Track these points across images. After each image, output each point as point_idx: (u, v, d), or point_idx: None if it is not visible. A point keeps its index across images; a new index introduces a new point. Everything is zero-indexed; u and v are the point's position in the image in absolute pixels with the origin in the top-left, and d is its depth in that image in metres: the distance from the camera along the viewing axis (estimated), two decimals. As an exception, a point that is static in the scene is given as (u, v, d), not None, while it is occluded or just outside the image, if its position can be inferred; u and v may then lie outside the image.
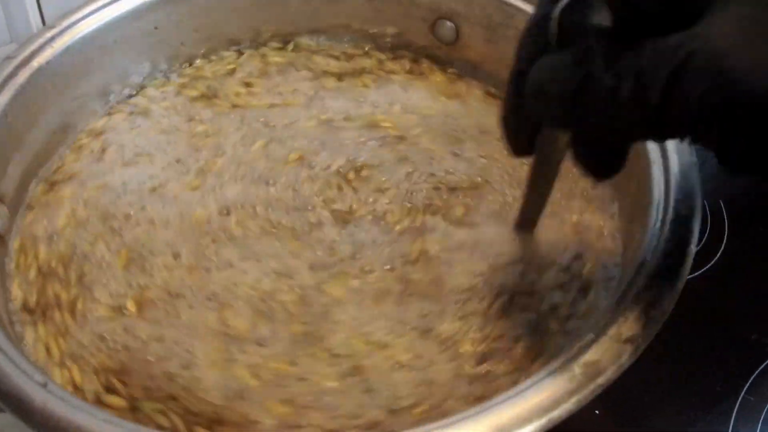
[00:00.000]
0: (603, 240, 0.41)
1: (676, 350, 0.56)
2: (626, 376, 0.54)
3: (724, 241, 0.64)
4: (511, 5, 0.47)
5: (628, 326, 0.29)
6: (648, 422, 0.53)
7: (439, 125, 0.47)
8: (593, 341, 0.29)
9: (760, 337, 0.57)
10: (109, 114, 0.48)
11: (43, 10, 0.53)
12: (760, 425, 0.52)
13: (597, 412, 0.52)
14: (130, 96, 0.49)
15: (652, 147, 0.38)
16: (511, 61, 0.28)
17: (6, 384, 0.26)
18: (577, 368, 0.28)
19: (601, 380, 0.27)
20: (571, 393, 0.27)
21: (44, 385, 0.26)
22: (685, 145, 0.38)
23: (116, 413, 0.32)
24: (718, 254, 0.63)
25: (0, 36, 0.53)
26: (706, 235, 0.65)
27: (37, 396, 0.26)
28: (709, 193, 0.67)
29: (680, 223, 0.34)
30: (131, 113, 0.48)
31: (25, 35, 0.52)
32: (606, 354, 0.28)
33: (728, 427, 0.52)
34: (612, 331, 0.29)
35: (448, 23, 0.50)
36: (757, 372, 0.55)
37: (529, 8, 0.46)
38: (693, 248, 0.33)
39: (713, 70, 0.22)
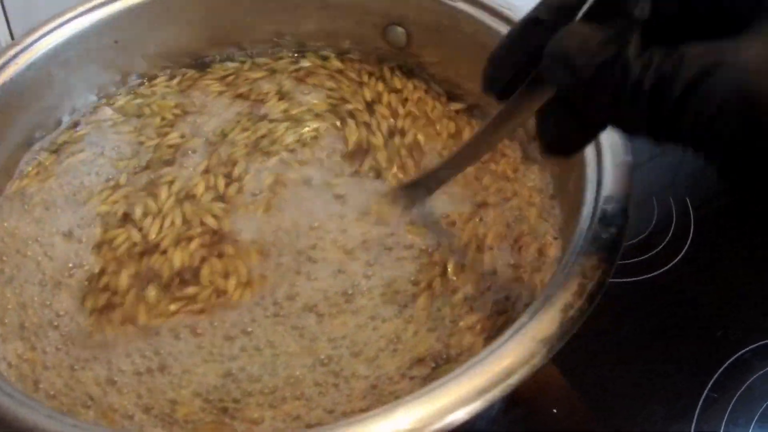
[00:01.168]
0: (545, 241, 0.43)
1: (640, 346, 0.58)
2: (590, 372, 0.55)
3: (690, 239, 0.66)
4: (459, 10, 0.48)
5: (543, 327, 0.30)
6: (611, 418, 0.54)
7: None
8: (509, 339, 0.30)
9: (725, 333, 0.58)
10: (70, 129, 0.50)
11: (12, 26, 0.56)
12: (723, 424, 0.53)
13: (555, 411, 0.54)
14: (93, 110, 0.51)
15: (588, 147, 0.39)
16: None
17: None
18: (488, 368, 0.29)
19: (512, 381, 0.29)
20: (481, 393, 0.28)
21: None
22: (620, 145, 0.39)
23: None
24: (684, 251, 0.65)
25: None
26: (671, 232, 0.67)
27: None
28: (677, 192, 0.70)
29: (606, 224, 0.35)
30: (89, 129, 0.50)
31: None
32: (520, 354, 0.30)
33: (691, 425, 0.53)
34: (529, 329, 0.30)
35: (399, 28, 0.52)
36: (721, 369, 0.56)
37: (476, 12, 0.47)
38: (617, 251, 0.34)
39: (735, 86, 0.22)
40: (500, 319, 0.40)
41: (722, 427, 0.53)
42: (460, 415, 0.28)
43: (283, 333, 0.39)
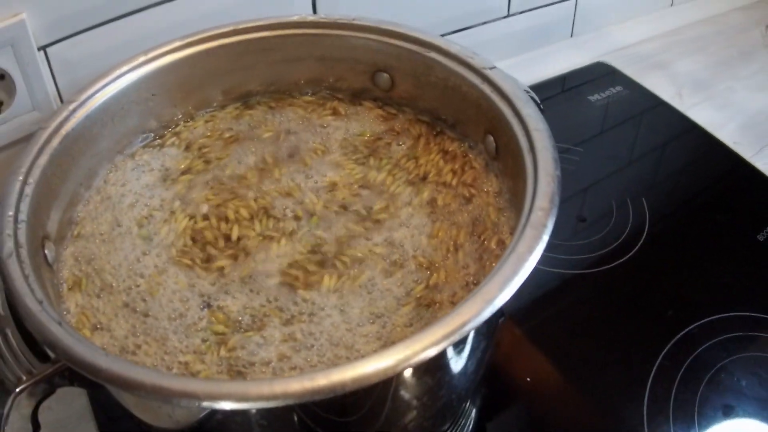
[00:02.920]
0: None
1: (604, 323, 0.64)
2: (562, 344, 0.62)
3: (645, 233, 0.71)
4: (432, 59, 0.57)
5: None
6: (580, 381, 0.59)
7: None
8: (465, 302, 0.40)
9: (675, 313, 0.64)
10: (118, 168, 0.58)
11: (58, 82, 0.63)
12: (675, 385, 0.58)
13: (529, 379, 0.60)
14: (140, 149, 0.59)
15: (529, 166, 0.48)
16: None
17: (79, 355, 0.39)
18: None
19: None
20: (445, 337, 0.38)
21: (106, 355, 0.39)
22: (551, 160, 0.47)
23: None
24: (639, 244, 0.70)
25: (23, 105, 0.61)
26: (629, 226, 0.72)
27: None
28: (633, 191, 0.76)
29: (534, 227, 0.43)
30: (136, 167, 0.58)
31: (44, 103, 0.62)
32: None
33: (646, 388, 0.58)
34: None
35: (385, 75, 0.60)
36: (672, 342, 0.61)
37: (445, 60, 0.56)
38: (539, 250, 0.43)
39: None
40: None
41: (674, 390, 0.58)
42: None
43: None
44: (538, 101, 0.52)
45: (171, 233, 0.54)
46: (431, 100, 0.60)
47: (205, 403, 0.37)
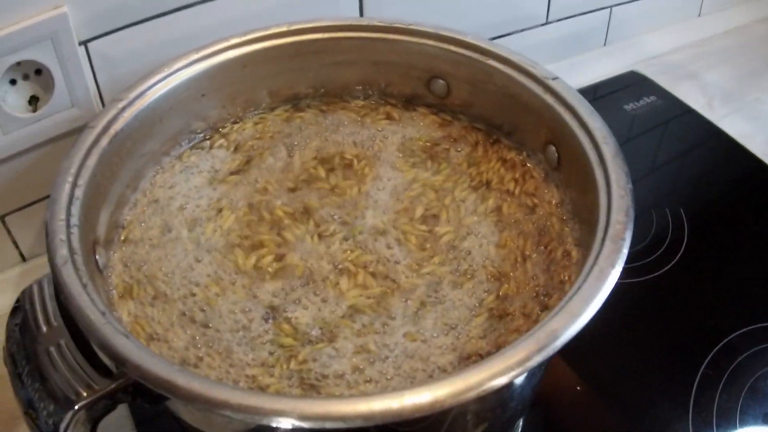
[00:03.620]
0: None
1: (647, 334, 0.63)
2: (602, 360, 0.62)
3: (684, 242, 0.71)
4: (491, 67, 0.56)
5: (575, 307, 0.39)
6: (621, 393, 0.59)
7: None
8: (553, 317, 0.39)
9: (716, 322, 0.64)
10: (165, 170, 0.56)
11: (98, 79, 0.61)
12: (718, 395, 0.58)
13: (579, 388, 0.59)
14: (188, 150, 0.57)
15: (600, 179, 0.47)
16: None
17: (153, 372, 0.37)
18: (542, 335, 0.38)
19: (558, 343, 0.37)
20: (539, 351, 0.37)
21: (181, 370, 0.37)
22: (623, 174, 0.46)
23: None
24: (680, 254, 0.70)
25: (62, 101, 0.59)
26: (668, 238, 0.71)
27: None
28: (672, 201, 0.75)
29: (616, 240, 0.42)
30: (184, 169, 0.56)
31: (83, 100, 0.60)
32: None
33: (690, 397, 0.58)
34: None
35: (440, 81, 0.59)
36: (714, 351, 0.61)
37: (506, 69, 0.55)
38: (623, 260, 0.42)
39: None
40: (542, 315, 0.47)
41: (717, 398, 0.58)
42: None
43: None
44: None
45: (224, 238, 0.52)
46: (487, 108, 0.59)
47: (297, 423, 0.35)
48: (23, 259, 0.66)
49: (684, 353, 0.62)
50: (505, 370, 0.36)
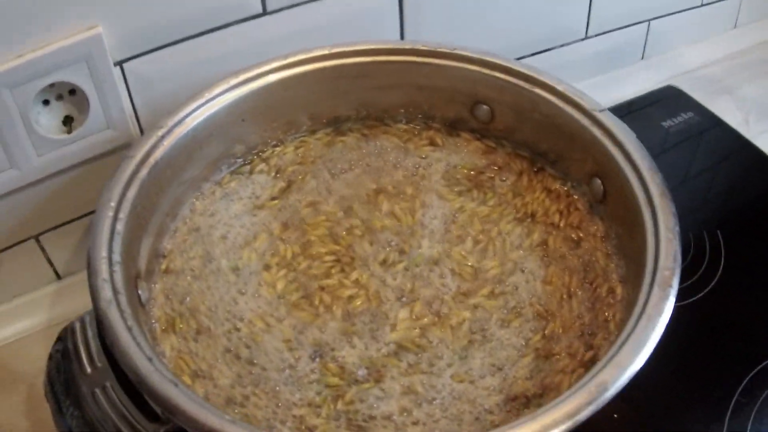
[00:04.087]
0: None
1: (681, 359, 0.61)
2: (638, 385, 0.61)
3: (722, 265, 0.69)
4: (536, 95, 0.55)
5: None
6: (657, 419, 0.57)
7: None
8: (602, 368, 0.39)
9: (751, 348, 0.62)
10: (205, 196, 0.55)
11: (134, 100, 0.60)
12: (750, 423, 0.57)
13: (615, 416, 0.56)
14: (228, 176, 0.57)
15: (647, 218, 0.46)
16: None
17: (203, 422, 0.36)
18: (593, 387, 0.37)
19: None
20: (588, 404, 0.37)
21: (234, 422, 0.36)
22: (670, 213, 0.46)
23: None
24: (717, 278, 0.67)
25: (97, 122, 0.58)
26: (706, 260, 0.69)
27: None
28: (707, 222, 0.73)
29: (664, 287, 0.43)
30: (224, 195, 0.56)
31: (119, 121, 0.59)
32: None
33: (723, 425, 0.56)
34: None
35: (484, 107, 0.58)
36: (748, 378, 0.59)
37: (552, 98, 0.54)
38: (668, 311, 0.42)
39: None
40: (587, 355, 0.47)
41: (749, 426, 0.57)
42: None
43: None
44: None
45: (268, 270, 0.51)
46: (531, 135, 0.58)
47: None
48: (58, 277, 0.66)
49: (718, 380, 0.60)
50: (554, 424, 0.36)
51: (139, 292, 0.48)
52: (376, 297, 0.50)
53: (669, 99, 0.86)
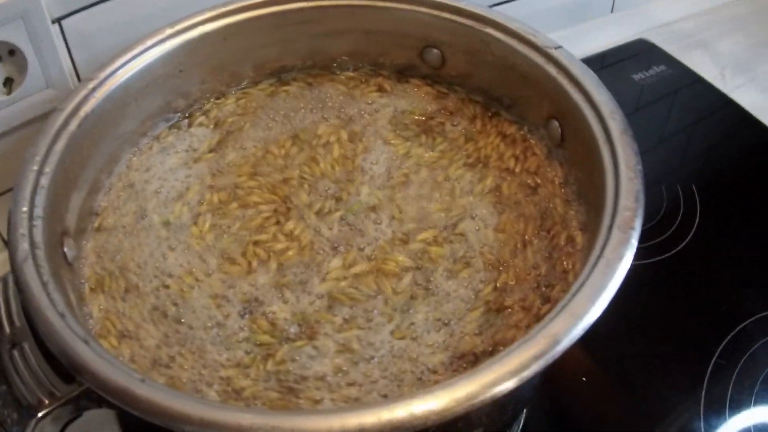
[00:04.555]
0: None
1: (655, 320, 0.61)
2: (611, 346, 0.59)
3: (696, 222, 0.68)
4: (489, 35, 0.52)
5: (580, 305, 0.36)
6: (630, 384, 0.57)
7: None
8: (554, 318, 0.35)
9: (729, 308, 0.61)
10: (142, 152, 0.53)
11: (74, 58, 0.58)
12: (731, 386, 0.56)
13: (584, 378, 0.57)
14: (166, 130, 0.54)
15: (607, 158, 0.43)
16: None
17: (112, 382, 0.34)
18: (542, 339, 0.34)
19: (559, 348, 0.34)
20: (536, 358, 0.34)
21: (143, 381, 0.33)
22: (632, 153, 0.43)
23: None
24: (691, 234, 0.67)
25: (36, 82, 0.56)
26: (680, 216, 0.68)
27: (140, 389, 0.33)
28: (683, 175, 0.72)
29: (624, 228, 0.39)
30: (161, 150, 0.53)
31: (59, 80, 0.57)
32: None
33: (702, 389, 0.56)
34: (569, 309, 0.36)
35: (435, 50, 0.55)
36: (727, 339, 0.58)
37: (505, 38, 0.51)
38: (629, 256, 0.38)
39: None
40: (543, 309, 0.43)
41: (730, 389, 0.56)
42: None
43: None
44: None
45: (199, 223, 0.49)
46: (485, 79, 0.55)
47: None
48: (5, 243, 0.63)
49: (695, 341, 0.59)
50: (497, 381, 0.33)
51: (65, 249, 0.45)
52: (310, 248, 0.47)
53: (640, 52, 0.84)
